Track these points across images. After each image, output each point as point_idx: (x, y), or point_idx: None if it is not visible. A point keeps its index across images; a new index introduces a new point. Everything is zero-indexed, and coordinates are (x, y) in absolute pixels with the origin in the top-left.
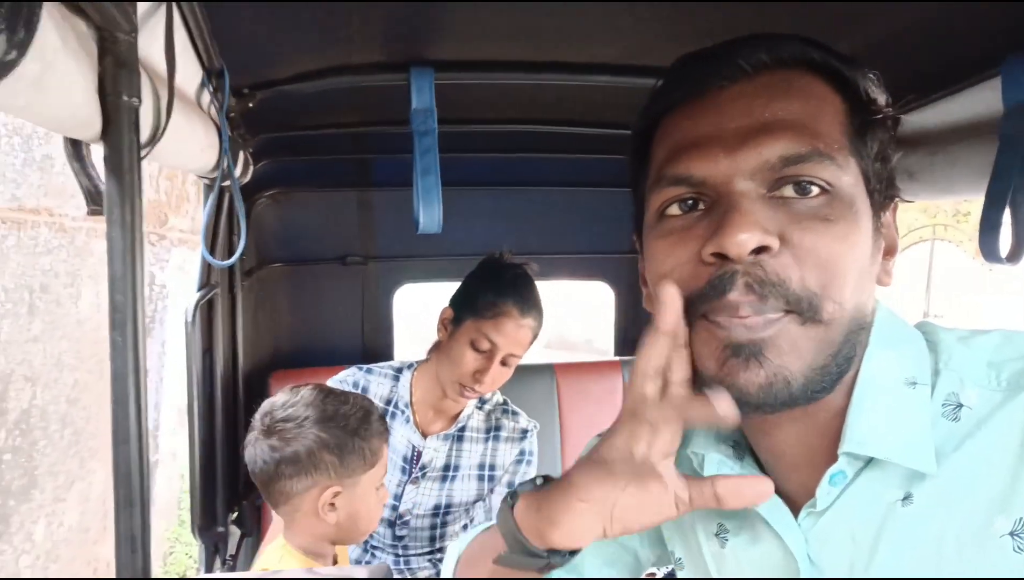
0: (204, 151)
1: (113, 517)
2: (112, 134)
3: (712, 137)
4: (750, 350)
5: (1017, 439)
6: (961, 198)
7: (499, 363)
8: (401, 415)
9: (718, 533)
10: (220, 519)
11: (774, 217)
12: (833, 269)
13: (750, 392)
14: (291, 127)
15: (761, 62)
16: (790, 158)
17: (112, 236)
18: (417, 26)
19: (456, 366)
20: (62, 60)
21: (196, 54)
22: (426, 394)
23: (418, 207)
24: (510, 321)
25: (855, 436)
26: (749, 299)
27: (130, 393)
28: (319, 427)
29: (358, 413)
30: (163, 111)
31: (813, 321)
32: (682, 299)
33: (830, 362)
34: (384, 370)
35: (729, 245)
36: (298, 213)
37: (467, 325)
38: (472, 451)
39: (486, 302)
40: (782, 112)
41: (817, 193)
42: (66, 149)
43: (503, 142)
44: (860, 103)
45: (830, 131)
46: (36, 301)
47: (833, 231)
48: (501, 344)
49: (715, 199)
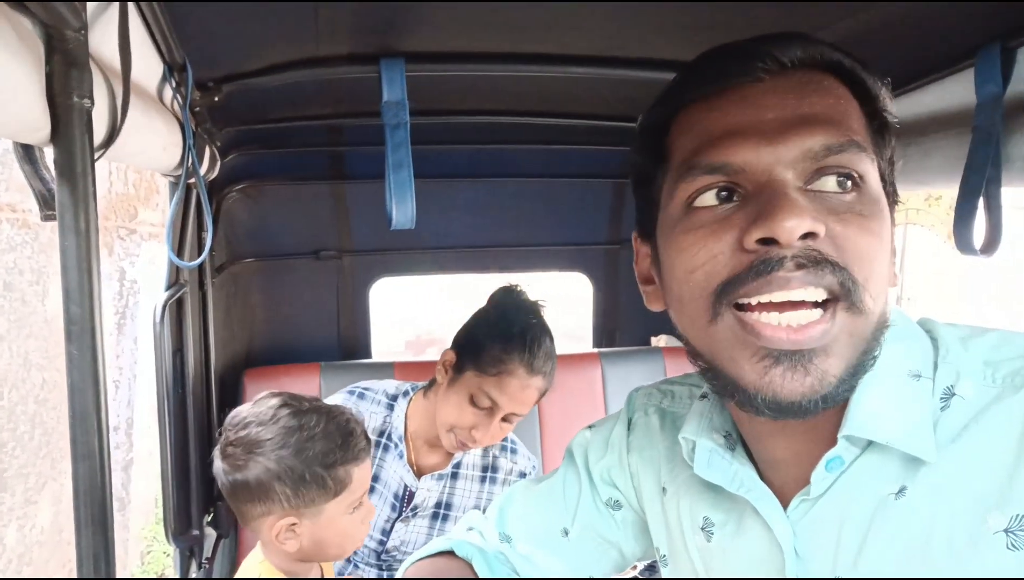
0: (167, 149)
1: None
2: (63, 137)
3: (751, 126)
4: (797, 358)
5: (1013, 436)
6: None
7: (499, 420)
8: (395, 449)
9: (704, 527)
10: (195, 522)
11: (815, 208)
12: (871, 263)
13: (794, 400)
14: (260, 120)
15: (797, 58)
16: (832, 147)
17: (65, 244)
18: (387, 17)
19: (452, 418)
20: (3, 60)
21: (156, 48)
22: (420, 426)
23: (391, 202)
24: (515, 381)
25: (856, 421)
26: (799, 273)
27: (90, 407)
28: (274, 454)
29: (326, 437)
30: (119, 111)
31: (857, 310)
32: (717, 287)
33: (864, 358)
34: (378, 396)
35: (779, 230)
36: (270, 207)
37: (468, 376)
38: (467, 491)
39: (491, 357)
40: (818, 105)
41: (851, 188)
42: (16, 152)
43: (479, 133)
44: (876, 109)
45: (859, 129)
46: (1, 300)
47: (868, 226)
48: (503, 403)
49: (751, 189)
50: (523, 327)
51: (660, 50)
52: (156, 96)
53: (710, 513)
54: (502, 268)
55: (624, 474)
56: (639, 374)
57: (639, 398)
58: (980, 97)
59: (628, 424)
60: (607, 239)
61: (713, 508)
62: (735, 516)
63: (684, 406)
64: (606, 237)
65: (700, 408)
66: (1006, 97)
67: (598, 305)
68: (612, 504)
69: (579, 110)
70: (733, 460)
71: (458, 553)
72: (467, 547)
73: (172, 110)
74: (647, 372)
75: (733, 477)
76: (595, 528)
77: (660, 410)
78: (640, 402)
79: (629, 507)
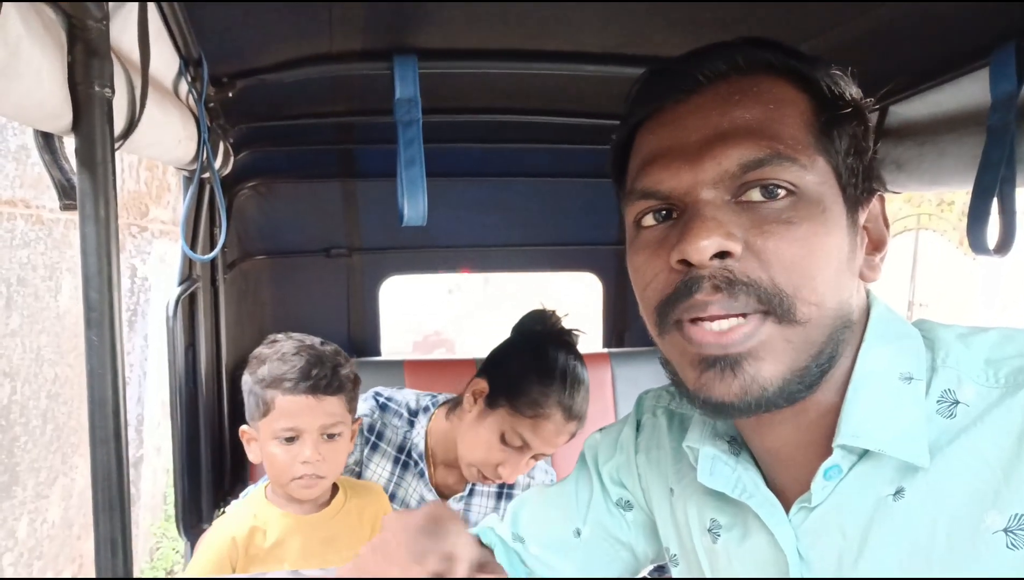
0: (182, 142)
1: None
2: (84, 126)
3: (674, 149)
4: (725, 362)
5: (1013, 436)
6: (949, 189)
7: (528, 458)
8: (415, 468)
9: (711, 528)
10: (206, 516)
11: (739, 222)
12: (801, 271)
13: (725, 402)
14: (273, 116)
15: (718, 71)
16: (749, 164)
17: (85, 232)
18: (400, 14)
19: (480, 455)
20: (28, 48)
21: (173, 42)
22: (440, 449)
23: (402, 199)
24: (552, 425)
25: (849, 429)
26: (717, 297)
27: (108, 393)
28: (252, 367)
29: (279, 361)
30: (138, 101)
31: (789, 321)
32: (657, 306)
33: (810, 363)
34: (400, 409)
35: (690, 251)
36: (281, 204)
37: (501, 414)
38: (483, 506)
39: (529, 398)
40: (740, 119)
41: (783, 195)
42: (37, 141)
43: (490, 132)
44: (825, 100)
45: (792, 132)
46: (14, 295)
47: (795, 233)
48: (536, 446)
49: (683, 209)
50: (563, 368)
51: (671, 48)
52: (172, 90)
53: (716, 515)
54: (512, 267)
55: (633, 475)
56: (648, 375)
57: (648, 400)
58: (995, 96)
59: (637, 426)
60: (617, 239)
61: (719, 511)
62: (740, 519)
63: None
64: (616, 237)
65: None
66: (1021, 97)
67: (608, 305)
68: (623, 505)
69: (590, 108)
70: (737, 465)
71: (483, 539)
72: (491, 534)
73: (187, 104)
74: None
75: (736, 483)
76: (606, 528)
77: (668, 412)
78: (649, 404)
79: (639, 508)
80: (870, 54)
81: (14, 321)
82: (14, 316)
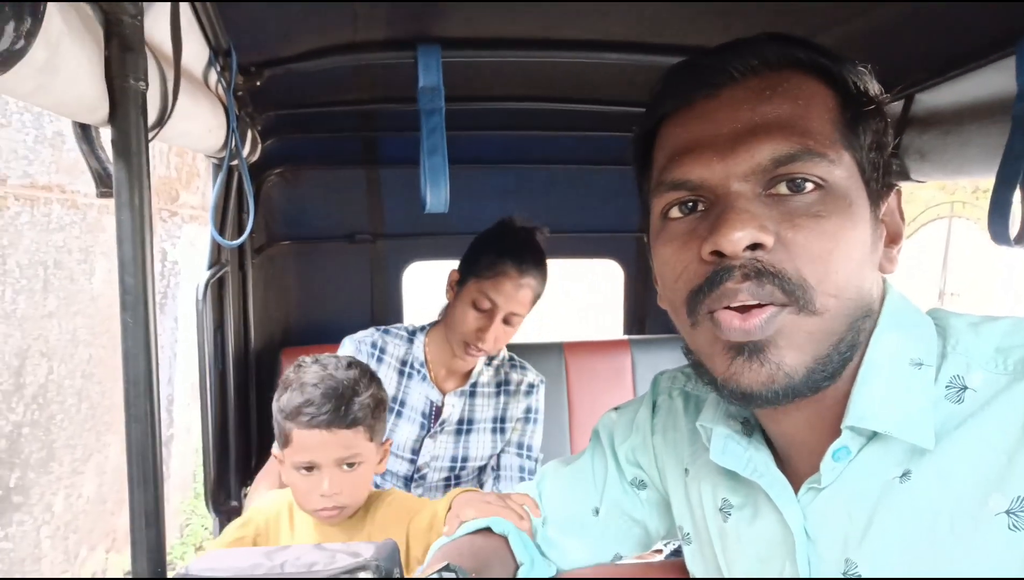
0: (212, 131)
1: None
2: (119, 117)
3: (706, 142)
4: (751, 349)
5: (1019, 421)
6: (972, 178)
7: (501, 321)
8: (417, 374)
9: (722, 508)
10: (234, 493)
11: (769, 215)
12: (827, 263)
13: (754, 390)
14: (299, 105)
15: (749, 66)
16: (781, 158)
17: (121, 218)
18: (423, 4)
19: (460, 325)
20: (68, 45)
21: (203, 33)
22: (438, 354)
23: (425, 187)
24: (508, 281)
25: (857, 411)
26: (745, 285)
27: (142, 373)
28: (278, 392)
29: (298, 390)
30: (170, 93)
31: (809, 312)
32: (688, 297)
33: (832, 351)
34: (400, 331)
35: (724, 243)
36: (307, 191)
37: (469, 285)
38: (485, 406)
39: (487, 262)
40: (771, 114)
41: (811, 189)
42: (75, 132)
43: (512, 119)
44: (851, 96)
45: (821, 128)
46: (50, 277)
47: (824, 226)
48: (501, 303)
49: (713, 200)
50: (516, 238)
51: (694, 36)
52: (202, 80)
53: (728, 495)
54: None
55: (648, 455)
56: (669, 361)
57: (664, 381)
58: (1020, 86)
59: (653, 406)
60: (639, 226)
61: (732, 492)
62: (752, 500)
63: (707, 389)
64: (638, 224)
65: (717, 396)
66: None
67: (629, 292)
68: (637, 484)
69: (611, 96)
70: (749, 446)
71: (495, 530)
72: (503, 524)
73: (216, 94)
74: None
75: (747, 463)
76: (621, 506)
77: (684, 393)
78: (665, 385)
79: (653, 487)
80: (897, 42)
81: (51, 303)
82: (51, 298)
